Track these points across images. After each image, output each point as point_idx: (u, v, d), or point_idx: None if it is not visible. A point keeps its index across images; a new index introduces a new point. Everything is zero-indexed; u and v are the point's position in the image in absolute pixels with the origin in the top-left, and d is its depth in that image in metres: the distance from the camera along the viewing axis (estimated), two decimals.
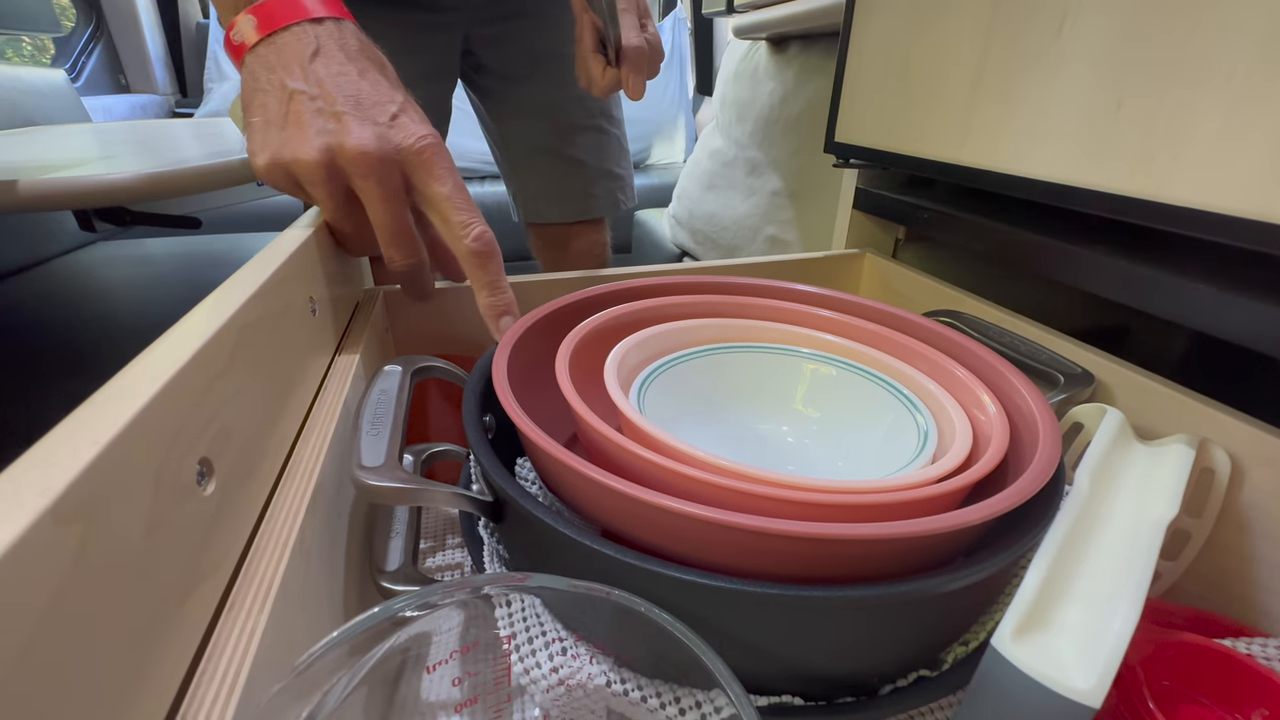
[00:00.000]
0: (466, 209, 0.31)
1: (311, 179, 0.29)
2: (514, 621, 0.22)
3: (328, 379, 0.31)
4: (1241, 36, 0.26)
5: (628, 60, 0.43)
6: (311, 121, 0.29)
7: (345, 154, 0.29)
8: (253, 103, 0.30)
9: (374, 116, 0.29)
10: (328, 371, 0.32)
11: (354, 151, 0.28)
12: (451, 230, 0.31)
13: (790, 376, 0.35)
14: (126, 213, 0.71)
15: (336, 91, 0.29)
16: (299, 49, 0.29)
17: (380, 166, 0.29)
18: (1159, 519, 0.23)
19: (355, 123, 0.29)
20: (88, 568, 0.13)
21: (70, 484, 0.12)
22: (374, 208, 0.30)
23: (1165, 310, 0.31)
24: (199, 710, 0.15)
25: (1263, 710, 0.23)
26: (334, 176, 0.30)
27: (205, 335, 0.19)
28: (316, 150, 0.29)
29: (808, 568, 0.21)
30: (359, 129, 0.29)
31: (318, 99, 0.29)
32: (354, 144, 0.28)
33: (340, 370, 0.32)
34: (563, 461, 0.22)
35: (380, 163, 0.29)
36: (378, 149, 0.29)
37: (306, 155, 0.29)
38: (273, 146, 0.29)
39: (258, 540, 0.20)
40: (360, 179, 0.29)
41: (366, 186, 0.30)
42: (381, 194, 0.30)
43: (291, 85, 0.29)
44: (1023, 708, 0.18)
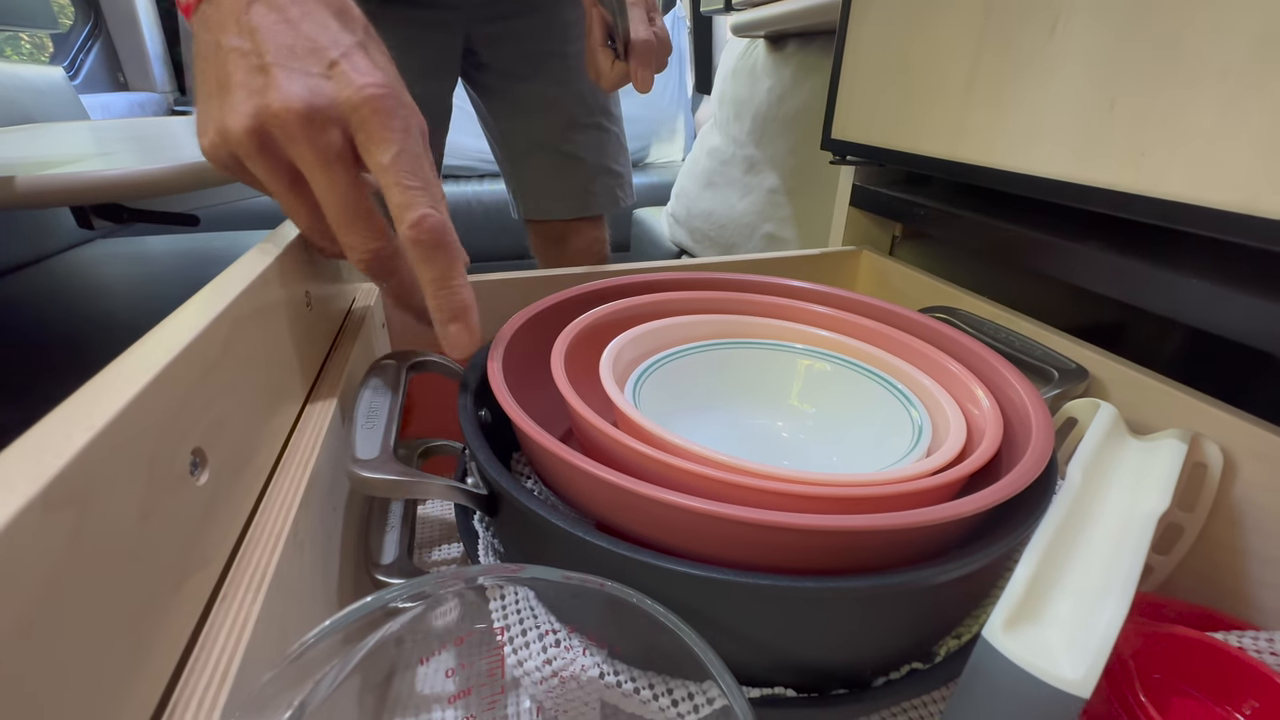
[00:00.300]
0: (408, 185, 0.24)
1: (244, 152, 0.24)
2: (508, 613, 0.22)
3: (323, 372, 0.31)
4: (1233, 36, 0.26)
5: (635, 54, 0.43)
6: (242, 82, 0.24)
7: (270, 114, 0.23)
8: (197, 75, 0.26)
9: (307, 66, 0.24)
10: (323, 365, 0.32)
11: (278, 109, 0.23)
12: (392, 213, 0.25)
13: (786, 372, 0.35)
14: (124, 210, 0.71)
15: (269, 41, 0.24)
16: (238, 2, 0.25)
17: (309, 126, 0.23)
18: (1150, 512, 0.23)
19: (283, 75, 0.24)
20: (80, 554, 0.13)
21: (62, 470, 0.12)
22: (314, 180, 0.25)
23: (1158, 305, 0.31)
24: (191, 697, 0.15)
25: (1253, 702, 0.23)
26: (266, 146, 0.24)
27: (199, 326, 0.19)
28: (244, 116, 0.24)
29: (801, 560, 0.21)
30: (286, 82, 0.23)
31: (249, 55, 0.24)
32: (277, 100, 0.23)
33: (336, 364, 0.32)
34: (557, 455, 0.22)
35: (308, 121, 0.23)
36: (304, 105, 0.23)
37: (235, 124, 0.24)
38: (213, 121, 0.25)
39: (251, 531, 0.21)
40: (291, 145, 0.24)
41: (300, 153, 0.24)
42: (317, 160, 0.24)
43: (226, 43, 0.25)
44: (1013, 698, 0.19)
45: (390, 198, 0.25)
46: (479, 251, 1.73)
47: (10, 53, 1.86)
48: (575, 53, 0.73)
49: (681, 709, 0.20)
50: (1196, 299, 0.30)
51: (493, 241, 1.63)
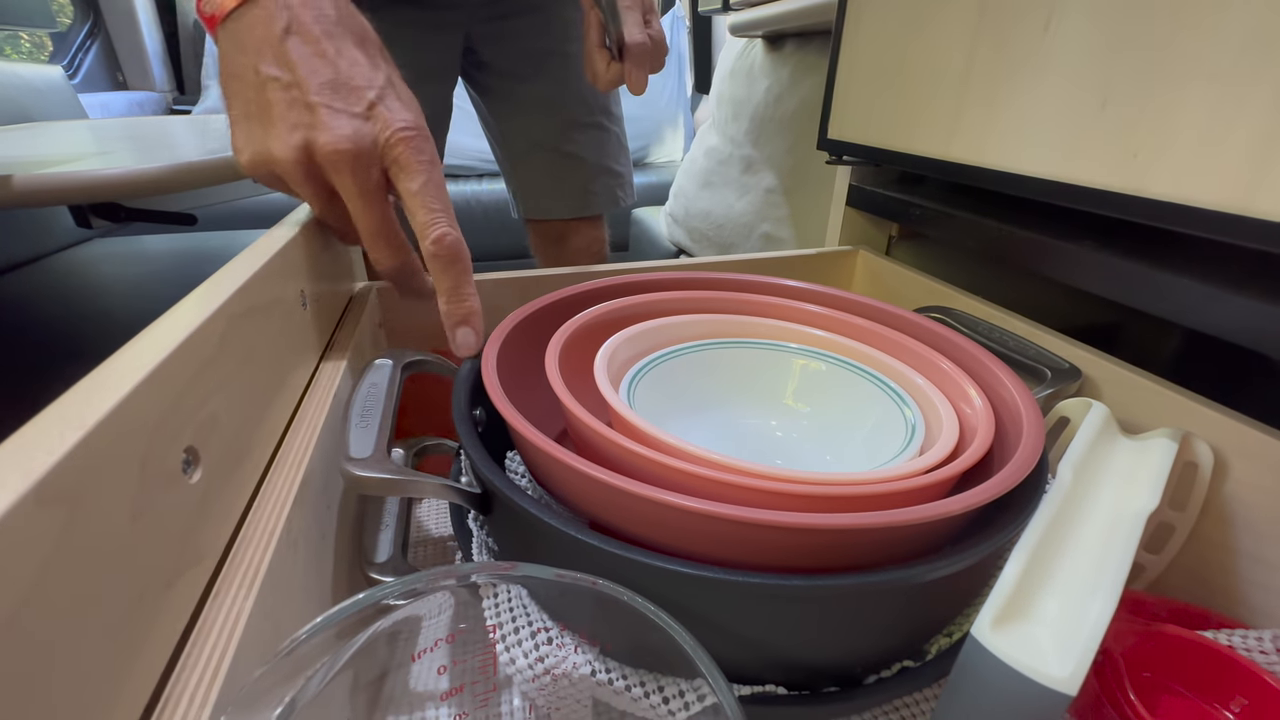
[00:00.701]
0: (433, 208, 0.29)
1: (291, 177, 0.29)
2: (500, 611, 0.22)
3: (318, 372, 0.31)
4: (1223, 36, 0.26)
5: (630, 56, 0.44)
6: (285, 114, 0.27)
7: (320, 152, 0.27)
8: (229, 90, 0.29)
9: (350, 106, 0.28)
10: (318, 364, 0.32)
11: (328, 150, 0.27)
12: (416, 230, 0.29)
13: (780, 372, 0.35)
14: (122, 209, 0.71)
15: (310, 78, 0.27)
16: (270, 25, 0.27)
17: (355, 163, 0.28)
18: (1140, 511, 0.23)
19: (329, 115, 0.27)
20: (71, 551, 0.13)
21: (53, 467, 0.12)
22: (352, 205, 0.29)
23: (1150, 306, 0.32)
24: (183, 692, 0.15)
25: (1242, 700, 0.24)
26: (312, 174, 0.29)
27: (192, 325, 0.19)
28: (292, 149, 0.27)
29: (793, 559, 0.21)
30: (334, 122, 0.27)
31: (291, 87, 0.27)
32: (328, 142, 0.27)
33: (331, 363, 0.32)
34: (550, 454, 0.23)
35: (355, 159, 0.28)
36: (353, 146, 0.27)
37: (282, 154, 0.28)
38: (255, 143, 0.28)
39: (244, 529, 0.21)
40: (336, 176, 0.28)
41: (343, 184, 0.28)
42: (358, 191, 0.29)
43: (265, 72, 0.27)
44: (1001, 696, 0.19)
45: (415, 218, 0.29)
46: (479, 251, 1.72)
47: (9, 51, 1.85)
48: (576, 52, 0.73)
49: (672, 706, 0.20)
50: (1188, 299, 0.30)
51: (492, 241, 1.63)
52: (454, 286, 0.30)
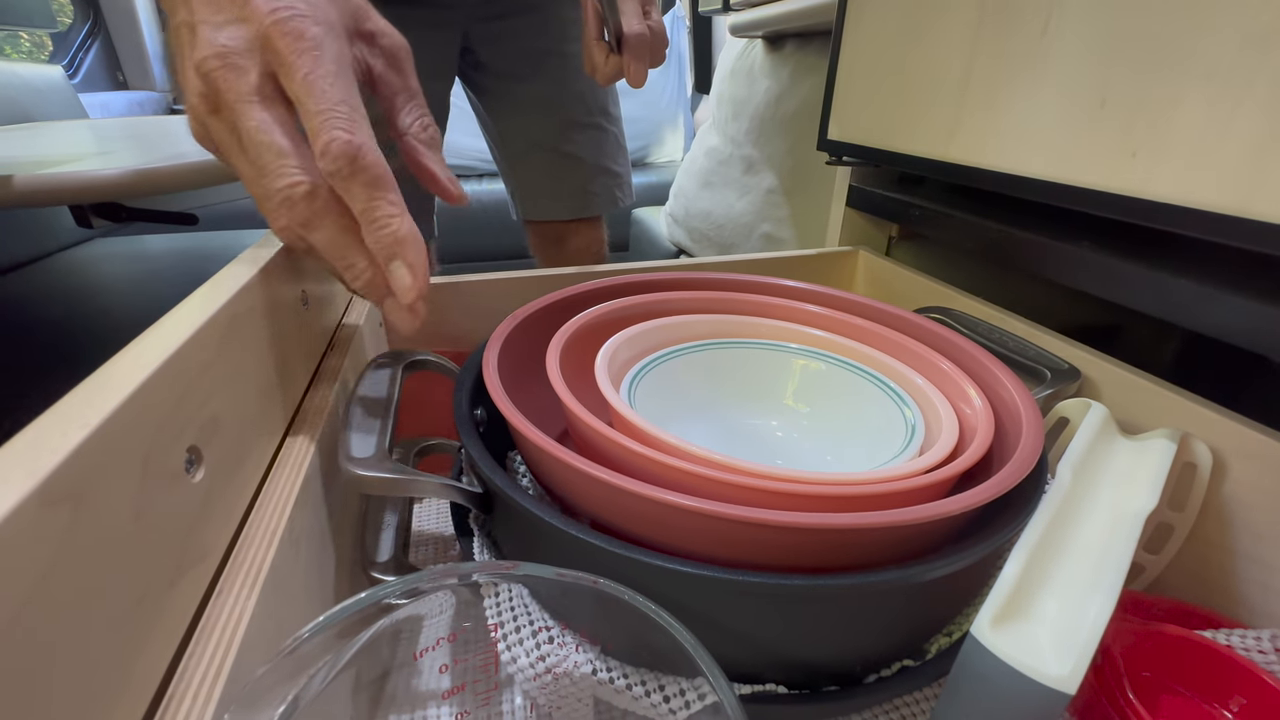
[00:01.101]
0: (319, 107, 0.22)
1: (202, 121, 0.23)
2: (501, 610, 0.22)
3: (319, 372, 0.31)
4: (1222, 36, 0.26)
5: (629, 47, 0.42)
6: (183, 54, 0.23)
7: (198, 73, 0.22)
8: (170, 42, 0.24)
9: (223, 12, 0.22)
10: (320, 364, 0.32)
11: (198, 61, 0.22)
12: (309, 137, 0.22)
13: (781, 372, 0.35)
14: (123, 209, 0.71)
15: (196, 3, 0.23)
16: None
17: (226, 70, 0.22)
18: (1138, 511, 0.23)
19: (204, 29, 0.22)
20: (75, 550, 0.13)
21: (58, 466, 0.13)
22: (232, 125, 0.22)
23: (1150, 307, 0.32)
24: (186, 690, 0.15)
25: (1240, 699, 0.24)
26: (216, 108, 0.23)
27: (195, 325, 0.19)
28: (190, 84, 0.23)
29: (793, 558, 0.21)
30: (205, 34, 0.22)
31: (185, 24, 0.23)
32: (197, 54, 0.22)
33: (332, 363, 0.32)
34: (552, 454, 0.23)
35: (223, 65, 0.22)
36: (217, 48, 0.22)
37: (187, 94, 0.23)
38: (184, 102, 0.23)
39: (247, 529, 0.21)
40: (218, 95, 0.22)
41: (224, 101, 0.22)
42: (232, 103, 0.22)
43: (175, 22, 0.23)
44: (1000, 694, 0.19)
45: (304, 121, 0.22)
46: (479, 251, 1.73)
47: (9, 51, 1.85)
48: (574, 52, 0.73)
49: (673, 705, 0.20)
50: (1187, 300, 0.30)
51: (493, 241, 1.63)
52: (364, 209, 0.22)
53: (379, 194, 0.22)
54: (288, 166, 0.22)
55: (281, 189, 0.22)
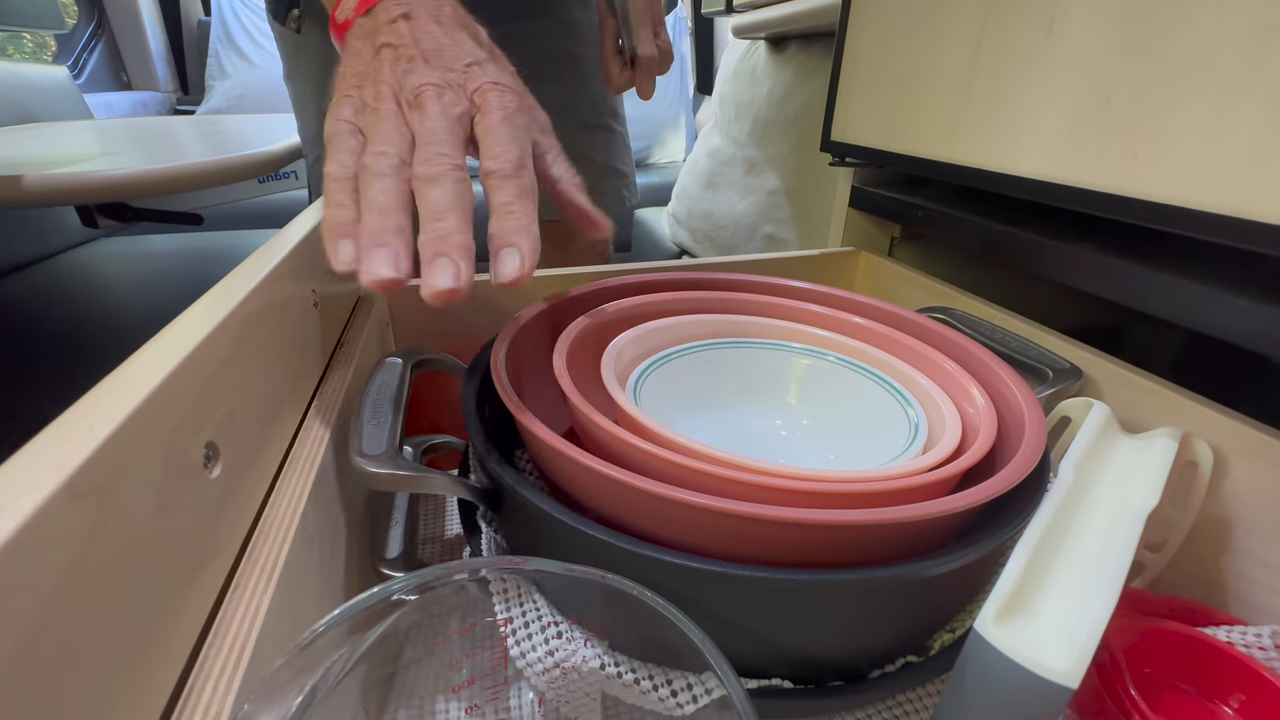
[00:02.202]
0: (501, 139, 0.27)
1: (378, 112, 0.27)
2: (510, 605, 0.22)
3: (330, 370, 0.32)
4: (1224, 37, 0.26)
5: (640, 66, 0.49)
6: (391, 67, 0.28)
7: (407, 89, 0.27)
8: (345, 75, 0.30)
9: (448, 64, 0.29)
10: (330, 362, 0.32)
11: (414, 85, 0.27)
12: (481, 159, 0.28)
13: (784, 371, 0.35)
14: (129, 209, 0.72)
15: (421, 40, 0.29)
16: (390, 12, 0.30)
17: (439, 95, 0.27)
18: (1140, 509, 0.23)
19: (424, 66, 0.28)
20: (101, 542, 0.13)
21: (85, 460, 0.13)
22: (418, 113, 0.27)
23: (1151, 307, 0.32)
24: (206, 682, 0.16)
25: (1241, 696, 0.24)
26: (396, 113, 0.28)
27: (211, 323, 0.19)
28: (388, 89, 0.28)
29: (799, 554, 0.22)
30: (428, 70, 0.28)
31: (401, 48, 0.29)
32: (417, 81, 0.27)
33: (342, 362, 0.33)
34: (560, 451, 0.23)
35: (439, 92, 0.28)
36: (440, 83, 0.28)
37: (374, 95, 0.28)
38: (350, 100, 0.28)
39: (261, 524, 0.21)
40: (417, 110, 0.27)
41: (421, 115, 0.27)
42: (439, 112, 0.27)
43: (380, 41, 0.29)
44: (1004, 689, 0.19)
45: (482, 149, 0.27)
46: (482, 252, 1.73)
47: (13, 52, 1.86)
48: (585, 54, 0.73)
49: (681, 699, 0.21)
50: (1189, 301, 0.30)
51: None
52: (507, 201, 0.26)
53: (522, 197, 0.27)
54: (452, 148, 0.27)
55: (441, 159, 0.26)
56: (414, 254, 0.26)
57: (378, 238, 0.24)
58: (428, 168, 0.26)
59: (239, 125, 1.10)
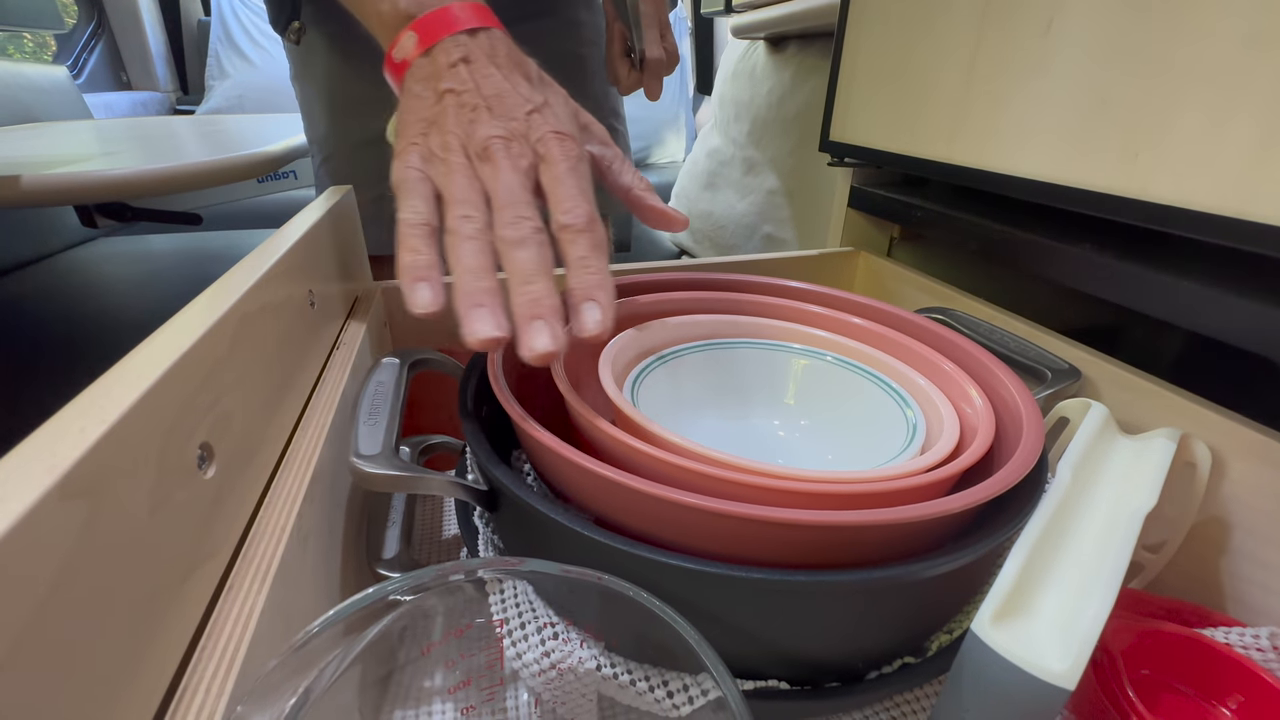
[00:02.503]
0: (570, 193, 0.29)
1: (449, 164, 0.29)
2: (506, 606, 0.22)
3: (326, 370, 0.32)
4: (1222, 38, 0.26)
5: (649, 69, 0.50)
6: (456, 115, 0.30)
7: (475, 141, 0.29)
8: (408, 120, 0.31)
9: (510, 112, 0.30)
10: (326, 363, 0.32)
11: (482, 138, 0.29)
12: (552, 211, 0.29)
13: (782, 372, 0.35)
14: (128, 209, 0.72)
15: (483, 84, 0.30)
16: (450, 55, 0.31)
17: (506, 149, 0.29)
18: (1137, 510, 0.23)
19: (489, 116, 0.30)
20: (92, 543, 0.13)
21: (77, 461, 0.13)
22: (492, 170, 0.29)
23: (1150, 308, 0.32)
24: (200, 682, 0.16)
25: (1239, 697, 0.24)
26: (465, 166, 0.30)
27: (207, 324, 0.19)
28: (455, 139, 0.29)
29: (796, 555, 0.21)
30: (493, 121, 0.30)
31: (464, 94, 0.30)
32: (484, 133, 0.29)
33: (339, 362, 0.33)
34: (556, 451, 0.23)
35: (506, 145, 0.29)
36: (505, 134, 0.29)
37: (442, 145, 0.29)
38: (417, 148, 0.30)
39: (257, 524, 0.21)
40: (486, 163, 0.29)
41: (490, 169, 0.29)
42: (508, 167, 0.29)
43: (443, 87, 0.31)
44: (1001, 690, 0.19)
45: (552, 202, 0.29)
46: None
47: (13, 51, 1.86)
48: (590, 55, 0.73)
49: (677, 700, 0.21)
50: (1187, 301, 0.30)
51: None
52: (582, 256, 0.28)
53: (597, 250, 0.28)
54: (530, 209, 0.28)
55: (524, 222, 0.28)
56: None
57: (475, 298, 0.25)
58: (513, 231, 0.27)
59: (238, 125, 1.10)
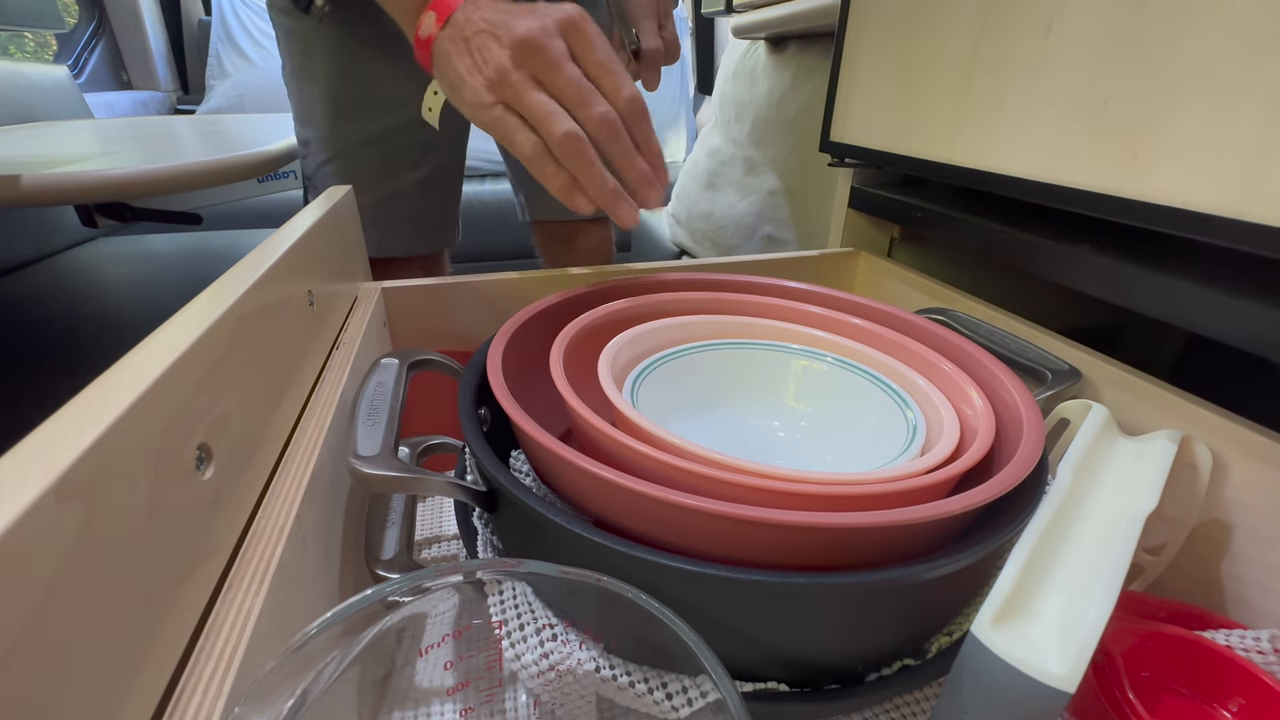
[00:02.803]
0: (616, 68, 0.36)
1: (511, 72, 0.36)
2: (505, 607, 0.22)
3: (325, 371, 0.32)
4: (1223, 38, 0.26)
5: (645, 59, 0.50)
6: (490, 39, 0.36)
7: (518, 42, 0.35)
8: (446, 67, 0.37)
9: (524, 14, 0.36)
10: (325, 363, 0.32)
11: (521, 35, 0.35)
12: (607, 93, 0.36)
13: (782, 372, 0.35)
14: (128, 208, 0.72)
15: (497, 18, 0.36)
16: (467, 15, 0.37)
17: (543, 35, 0.35)
18: (1138, 511, 0.23)
19: (515, 22, 0.36)
20: (89, 545, 0.13)
21: (73, 463, 0.13)
22: (553, 76, 0.36)
23: (1150, 309, 0.32)
24: (197, 683, 0.16)
25: (1240, 699, 0.24)
26: (522, 63, 0.36)
27: (204, 324, 0.19)
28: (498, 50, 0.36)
29: (795, 557, 0.21)
30: (519, 25, 0.36)
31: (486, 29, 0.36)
32: (520, 32, 0.35)
33: (338, 362, 0.33)
34: (555, 453, 0.23)
35: (543, 32, 0.35)
36: (538, 28, 0.35)
37: (499, 59, 0.36)
38: (480, 73, 0.36)
39: (255, 525, 0.21)
40: (534, 55, 0.35)
41: (541, 60, 0.35)
42: (555, 61, 0.35)
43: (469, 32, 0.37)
44: (1001, 692, 0.19)
45: (602, 83, 0.36)
46: (482, 251, 1.73)
47: (14, 51, 1.86)
48: None
49: (676, 702, 0.21)
50: (1188, 303, 0.30)
51: (494, 240, 1.63)
52: (648, 136, 0.37)
53: (649, 124, 0.38)
54: (598, 96, 0.35)
55: (601, 111, 0.35)
56: None
57: (613, 195, 0.38)
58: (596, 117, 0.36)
59: (239, 125, 1.10)
